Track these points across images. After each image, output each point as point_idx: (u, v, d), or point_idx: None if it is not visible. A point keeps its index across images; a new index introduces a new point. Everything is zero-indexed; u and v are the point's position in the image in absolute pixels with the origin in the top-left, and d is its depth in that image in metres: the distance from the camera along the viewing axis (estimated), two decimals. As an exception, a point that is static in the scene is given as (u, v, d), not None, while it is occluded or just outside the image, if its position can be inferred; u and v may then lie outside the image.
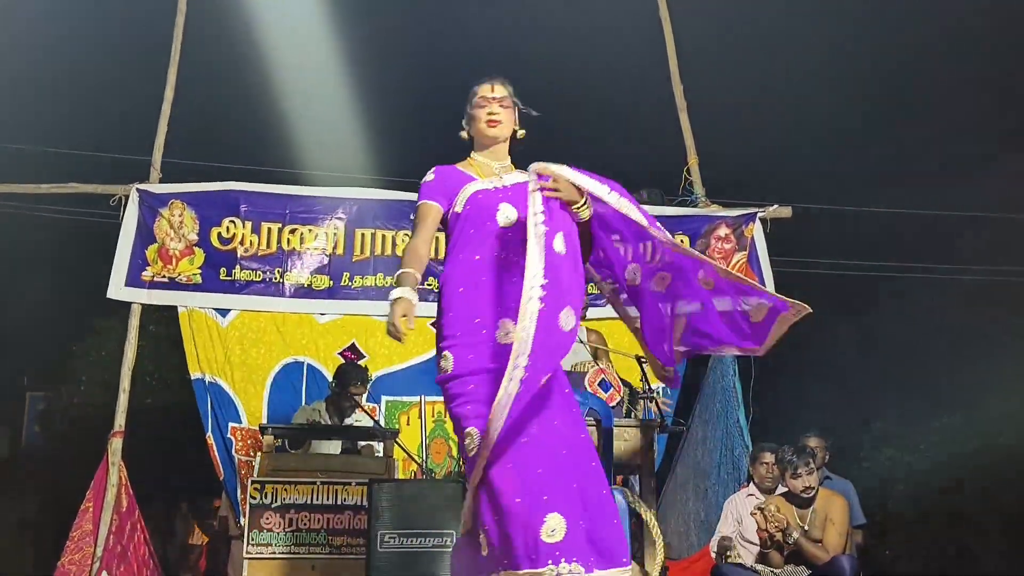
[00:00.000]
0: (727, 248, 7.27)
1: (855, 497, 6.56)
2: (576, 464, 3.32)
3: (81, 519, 6.38)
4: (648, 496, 5.18)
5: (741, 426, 6.90)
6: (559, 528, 3.17)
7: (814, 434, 6.54)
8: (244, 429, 6.86)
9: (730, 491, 6.48)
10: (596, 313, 7.08)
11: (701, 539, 6.71)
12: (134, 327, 6.88)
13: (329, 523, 5.34)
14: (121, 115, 10.48)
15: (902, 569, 10.56)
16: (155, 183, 7.03)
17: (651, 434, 5.35)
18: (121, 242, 6.88)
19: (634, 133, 12.13)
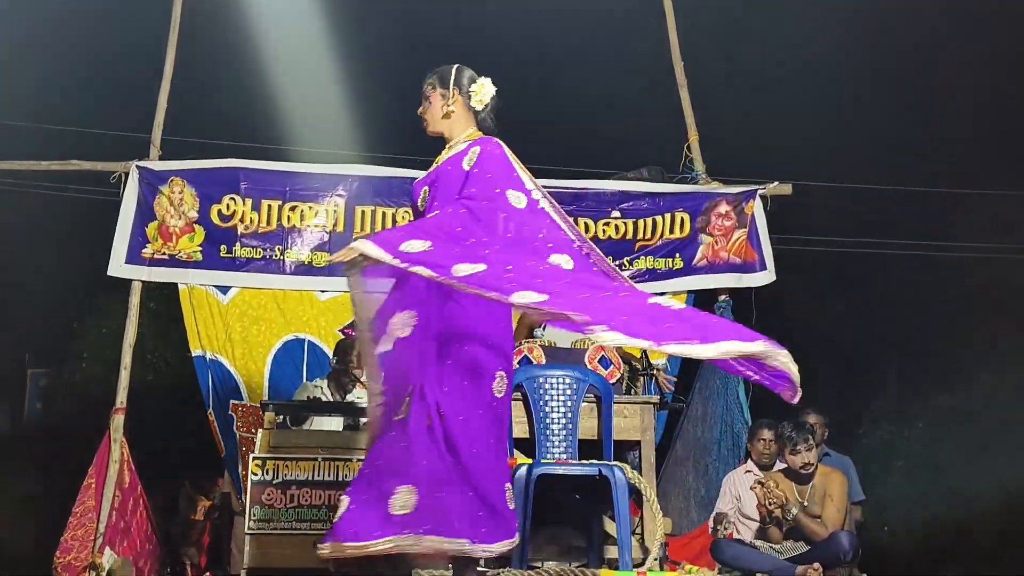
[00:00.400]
0: (727, 225, 7.27)
1: (854, 473, 6.60)
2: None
3: (84, 495, 6.41)
4: (648, 472, 5.22)
5: (741, 402, 6.93)
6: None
7: (813, 410, 6.56)
8: (245, 406, 6.88)
9: (731, 467, 6.51)
10: (595, 291, 7.10)
11: (701, 515, 6.74)
12: (135, 305, 6.88)
13: (331, 499, 5.35)
14: (121, 92, 10.45)
15: (900, 545, 10.62)
16: (155, 160, 7.02)
17: (651, 411, 5.38)
18: (121, 220, 6.87)
19: (634, 110, 12.10)
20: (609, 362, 5.47)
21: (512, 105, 3.93)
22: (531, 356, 5.43)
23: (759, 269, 7.26)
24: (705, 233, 7.28)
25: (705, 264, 7.26)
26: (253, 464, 5.59)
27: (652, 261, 7.26)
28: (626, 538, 4.80)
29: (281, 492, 5.39)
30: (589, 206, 7.31)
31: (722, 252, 7.25)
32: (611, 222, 7.28)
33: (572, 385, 5.18)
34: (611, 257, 7.18)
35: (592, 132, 12.53)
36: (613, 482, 4.81)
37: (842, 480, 5.36)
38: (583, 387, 5.21)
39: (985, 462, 10.46)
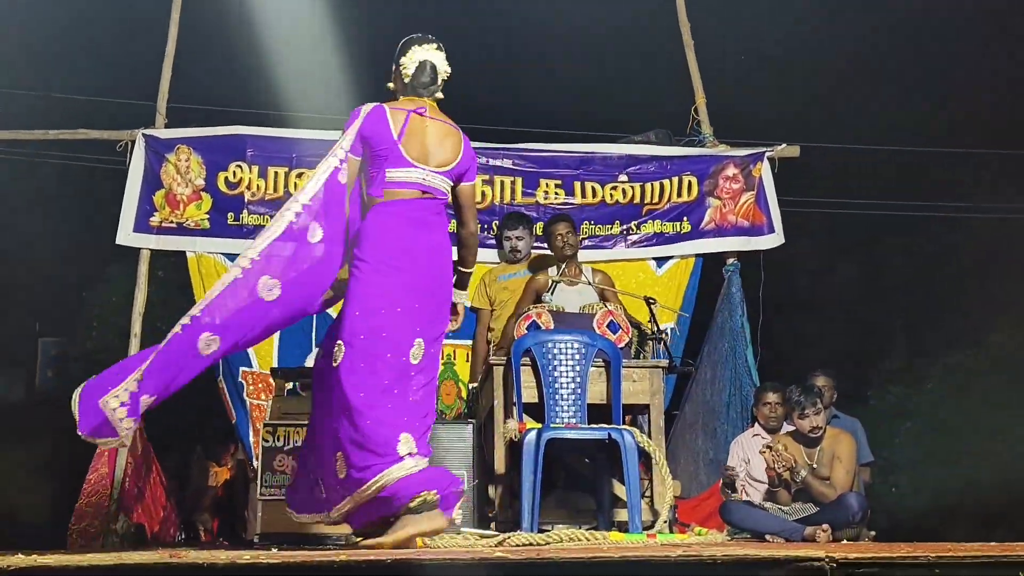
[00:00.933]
0: (735, 188, 7.25)
1: (863, 435, 6.62)
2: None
3: (97, 462, 6.46)
4: (657, 436, 5.24)
5: (749, 366, 6.94)
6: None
7: (822, 373, 6.57)
8: (255, 373, 6.92)
9: (739, 431, 6.54)
10: (602, 255, 7.10)
11: (710, 478, 6.78)
12: (143, 273, 6.91)
13: (341, 465, 5.39)
14: (126, 61, 10.42)
15: (909, 506, 10.65)
16: (160, 128, 7.02)
17: (660, 375, 5.40)
18: (128, 188, 6.89)
19: (641, 73, 12.03)
20: (618, 326, 5.48)
21: (517, 70, 3.94)
22: (539, 321, 5.44)
23: (767, 232, 7.25)
24: (713, 196, 7.26)
25: (713, 228, 7.25)
26: (264, 431, 5.65)
27: (660, 225, 7.25)
28: (636, 501, 4.83)
29: (292, 459, 5.43)
30: (596, 170, 7.29)
31: (730, 215, 7.24)
32: (618, 186, 7.27)
33: (581, 350, 5.20)
34: (618, 221, 7.20)
35: (599, 96, 12.47)
36: (622, 446, 4.84)
37: (850, 442, 5.38)
38: (592, 352, 5.22)
39: (994, 422, 10.47)
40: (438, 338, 4.00)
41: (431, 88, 4.08)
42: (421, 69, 4.06)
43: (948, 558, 2.71)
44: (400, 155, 3.93)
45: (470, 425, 5.31)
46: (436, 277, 3.95)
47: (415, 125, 3.97)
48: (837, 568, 2.67)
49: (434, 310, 3.95)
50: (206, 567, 2.55)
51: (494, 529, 4.87)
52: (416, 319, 3.86)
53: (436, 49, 4.10)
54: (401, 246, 3.88)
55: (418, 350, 3.85)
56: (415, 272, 3.88)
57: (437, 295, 3.97)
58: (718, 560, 2.67)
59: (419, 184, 3.95)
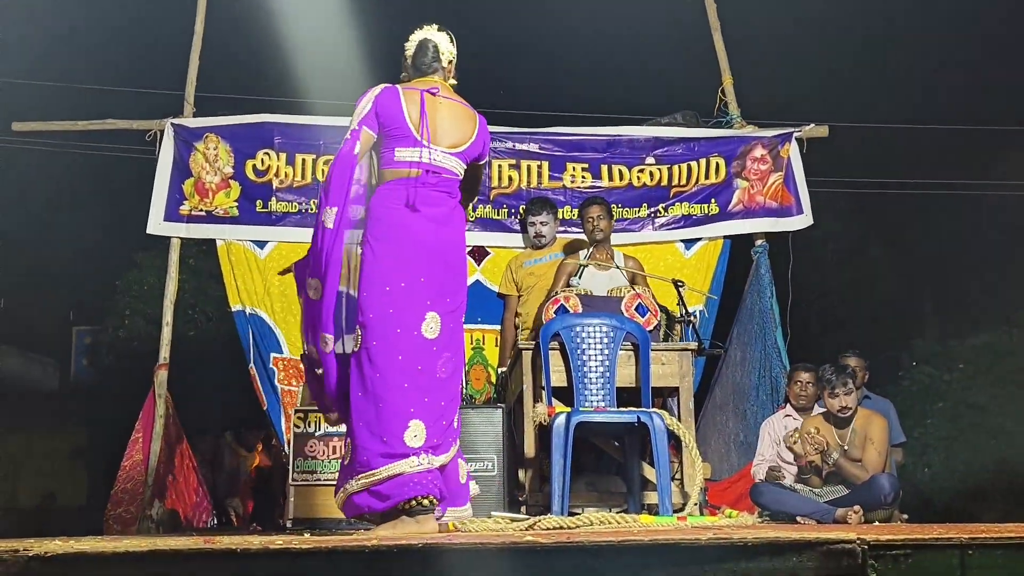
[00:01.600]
0: (763, 169, 7.21)
1: (895, 416, 6.59)
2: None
3: (131, 449, 6.54)
4: (687, 419, 5.24)
5: (779, 347, 6.91)
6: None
7: (853, 353, 6.53)
8: (286, 359, 6.96)
9: (769, 412, 6.52)
10: (630, 238, 7.08)
11: (740, 460, 6.77)
12: (174, 261, 6.97)
13: (372, 450, 5.42)
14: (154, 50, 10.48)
15: (941, 487, 10.59)
16: (189, 117, 7.06)
17: (689, 357, 5.39)
18: (158, 177, 6.94)
19: (667, 55, 11.96)
20: (646, 309, 5.47)
21: (543, 54, 3.93)
22: (567, 305, 5.44)
23: (796, 213, 7.20)
24: (741, 178, 7.23)
25: (741, 209, 7.22)
26: (295, 417, 5.69)
27: (688, 207, 7.22)
28: (666, 484, 4.84)
29: (323, 444, 5.48)
30: (623, 153, 7.27)
31: (758, 196, 7.20)
32: (645, 169, 7.24)
33: (609, 333, 5.20)
34: (646, 204, 7.18)
35: (625, 78, 12.41)
36: (652, 429, 4.84)
37: (882, 423, 5.35)
38: (620, 335, 5.22)
39: (1026, 401, 10.38)
40: (454, 311, 3.95)
41: (434, 65, 4.08)
42: (422, 48, 4.09)
43: (981, 539, 2.70)
44: (410, 134, 3.92)
45: (500, 409, 5.33)
46: (441, 252, 3.91)
47: (428, 105, 3.95)
48: (869, 550, 2.67)
49: (443, 283, 3.90)
50: (239, 552, 2.58)
51: (524, 513, 4.89)
52: (423, 293, 3.84)
53: (437, 30, 4.14)
54: (402, 224, 3.87)
55: (433, 323, 3.83)
56: (417, 248, 3.85)
57: (446, 269, 3.93)
58: (749, 543, 2.67)
59: (426, 164, 3.92)
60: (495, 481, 5.04)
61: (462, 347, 4.07)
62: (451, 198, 4.01)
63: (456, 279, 3.99)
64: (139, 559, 2.57)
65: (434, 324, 3.83)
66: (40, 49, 10.50)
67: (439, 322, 3.84)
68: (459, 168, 4.04)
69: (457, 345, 3.97)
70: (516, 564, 2.68)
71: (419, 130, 3.89)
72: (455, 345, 3.94)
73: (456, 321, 3.98)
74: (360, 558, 2.61)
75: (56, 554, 2.52)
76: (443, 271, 3.90)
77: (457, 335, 3.99)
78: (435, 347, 3.82)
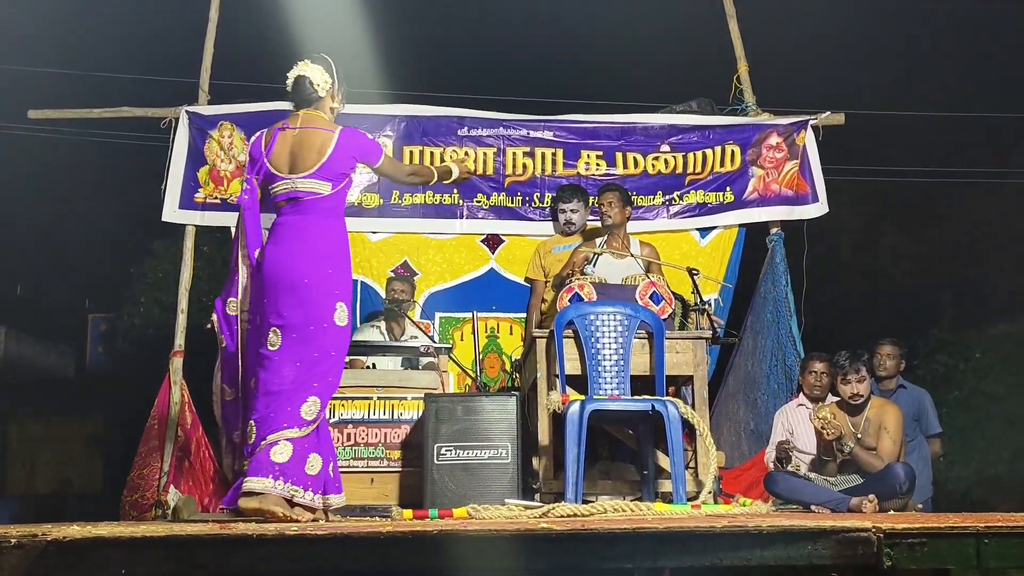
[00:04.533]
0: (778, 157, 7.18)
1: (931, 406, 6.51)
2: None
3: (147, 436, 6.56)
4: (701, 407, 5.23)
5: (794, 336, 6.87)
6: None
7: (889, 341, 6.47)
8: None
9: (781, 401, 6.49)
10: (644, 226, 7.07)
11: (752, 448, 6.76)
12: (189, 249, 6.98)
13: (386, 437, 5.45)
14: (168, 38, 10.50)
15: (956, 475, 10.58)
16: (203, 105, 7.07)
17: (703, 346, 5.38)
18: (172, 165, 6.94)
19: (683, 42, 11.92)
20: (660, 298, 5.46)
21: (557, 42, 3.92)
22: (582, 293, 5.44)
23: (811, 201, 7.17)
24: (756, 165, 7.19)
25: (756, 197, 7.19)
26: (308, 404, 5.69)
27: (703, 195, 7.19)
28: (680, 472, 4.84)
29: (338, 431, 5.49)
30: (638, 141, 7.25)
31: (773, 184, 7.17)
32: (660, 156, 7.22)
33: (623, 322, 5.19)
34: (661, 192, 7.16)
35: (640, 66, 12.37)
36: (666, 417, 4.84)
37: (897, 413, 5.33)
38: (634, 323, 5.21)
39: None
40: (287, 324, 4.20)
41: (312, 97, 4.47)
42: (298, 84, 4.51)
43: (996, 528, 2.70)
44: (270, 171, 4.34)
45: (514, 397, 5.33)
46: (280, 272, 4.22)
47: (281, 139, 4.37)
48: (884, 538, 2.66)
49: (280, 302, 4.21)
50: (255, 538, 2.59)
51: (539, 500, 4.90)
52: (267, 313, 4.24)
53: (311, 63, 4.52)
54: (265, 251, 4.32)
55: (275, 338, 4.20)
56: (267, 273, 4.25)
57: (280, 289, 4.22)
58: (764, 531, 2.67)
59: (287, 193, 4.31)
60: (509, 469, 5.04)
61: (304, 353, 4.21)
62: (308, 217, 4.30)
63: (288, 295, 4.23)
64: (156, 545, 2.58)
65: (276, 338, 4.20)
66: (56, 38, 10.53)
67: (280, 336, 4.20)
68: (321, 187, 4.31)
69: (296, 352, 4.20)
70: (530, 551, 2.69)
71: (277, 165, 4.32)
72: (293, 352, 4.19)
73: (300, 332, 4.21)
74: (375, 544, 2.63)
75: (74, 539, 2.54)
76: (292, 293, 4.21)
77: (298, 345, 4.20)
78: (275, 357, 4.19)
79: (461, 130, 7.15)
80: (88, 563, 2.54)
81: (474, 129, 7.16)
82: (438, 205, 7.06)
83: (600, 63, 12.08)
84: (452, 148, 7.08)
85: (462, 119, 7.19)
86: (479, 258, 7.13)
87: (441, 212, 7.05)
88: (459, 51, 9.25)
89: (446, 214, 7.06)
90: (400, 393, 5.59)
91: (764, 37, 8.98)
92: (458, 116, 7.21)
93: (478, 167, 7.08)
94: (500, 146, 7.15)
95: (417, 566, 2.63)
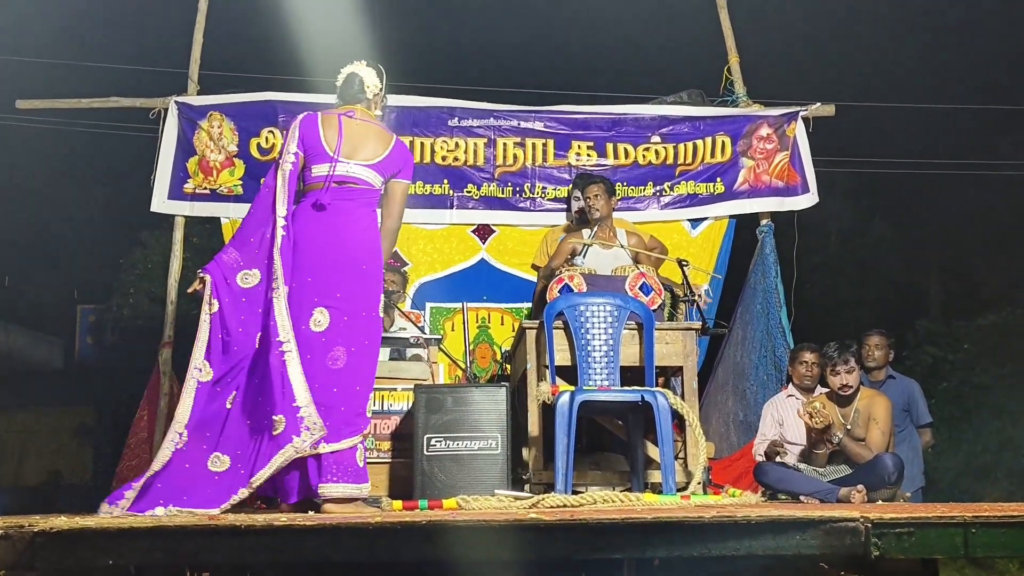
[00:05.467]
0: (769, 148, 7.19)
1: (921, 396, 6.52)
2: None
3: (136, 427, 6.56)
4: (690, 398, 5.23)
5: (784, 327, 6.88)
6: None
7: (877, 332, 6.48)
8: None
9: (770, 392, 6.51)
10: (639, 217, 7.07)
11: (741, 439, 6.77)
12: (178, 240, 6.97)
13: (376, 428, 5.44)
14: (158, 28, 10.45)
15: (945, 465, 10.62)
16: (193, 95, 7.05)
17: (693, 337, 5.38)
18: (162, 155, 6.93)
19: (674, 33, 11.91)
20: (650, 288, 5.46)
21: (550, 31, 3.92)
22: (572, 284, 5.44)
23: (801, 192, 7.18)
24: (746, 157, 7.20)
25: (747, 188, 7.20)
26: (300, 395, 5.67)
27: (693, 186, 7.20)
28: (669, 463, 4.84)
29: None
30: (629, 132, 7.25)
31: (764, 175, 7.18)
32: (651, 147, 7.22)
33: (613, 312, 5.19)
34: (651, 182, 7.16)
35: (631, 57, 12.37)
36: (656, 408, 4.84)
37: (886, 403, 5.34)
38: (624, 314, 5.21)
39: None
40: (341, 306, 4.16)
41: (359, 96, 4.52)
42: (348, 81, 4.56)
43: (984, 518, 2.71)
44: (324, 151, 4.31)
45: (504, 388, 5.33)
46: (329, 252, 4.19)
47: (343, 125, 4.36)
48: (872, 528, 2.67)
49: (332, 281, 4.16)
50: (243, 529, 2.59)
51: (528, 491, 4.90)
52: (311, 291, 4.15)
53: (366, 65, 4.58)
54: (302, 228, 4.23)
55: (321, 317, 4.13)
56: (310, 251, 4.19)
57: (336, 268, 4.18)
58: (752, 521, 2.68)
59: (336, 176, 4.29)
60: (499, 459, 5.04)
61: (355, 338, 4.17)
62: (357, 206, 4.31)
63: (349, 279, 4.20)
64: (143, 536, 2.58)
65: (323, 318, 4.14)
66: (45, 27, 10.48)
67: (327, 316, 4.15)
68: (373, 179, 4.36)
69: (346, 337, 4.15)
70: (520, 542, 2.69)
71: (333, 148, 4.30)
72: (343, 337, 4.14)
73: (349, 315, 4.17)
74: (363, 535, 2.62)
75: (61, 530, 2.54)
76: (335, 271, 4.18)
77: (348, 329, 4.16)
78: (323, 339, 4.11)
79: (451, 120, 7.15)
80: (75, 554, 2.54)
81: (464, 120, 7.15)
82: (428, 195, 7.06)
83: (591, 54, 12.08)
84: (443, 138, 7.07)
85: (452, 110, 7.18)
86: (470, 248, 7.13)
87: (432, 202, 7.04)
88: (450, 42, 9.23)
89: (437, 204, 7.06)
90: (390, 384, 5.58)
91: (755, 29, 8.98)
92: (448, 107, 7.20)
93: (468, 158, 7.09)
94: (491, 137, 7.15)
95: (406, 557, 2.63)
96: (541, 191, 7.08)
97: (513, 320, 6.90)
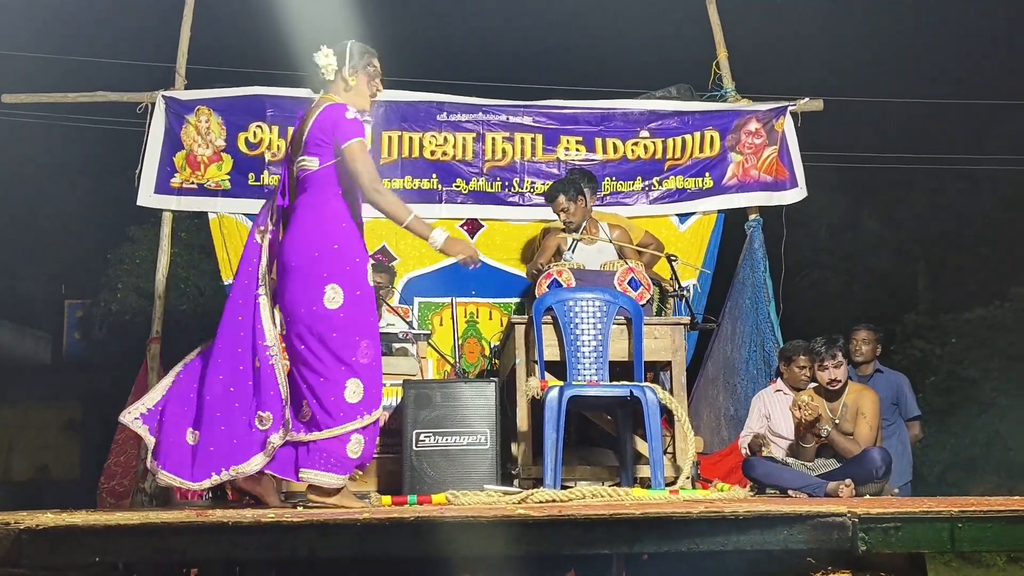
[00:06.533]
0: (757, 143, 7.19)
1: (909, 389, 6.53)
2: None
3: (125, 423, 6.53)
4: (679, 393, 5.24)
5: (772, 322, 6.89)
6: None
7: (865, 326, 6.49)
8: (280, 334, 6.94)
9: (760, 386, 6.51)
10: (627, 212, 7.07)
11: (731, 434, 6.78)
12: (166, 235, 6.94)
13: (365, 423, 5.42)
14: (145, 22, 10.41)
15: (932, 459, 10.66)
16: (180, 90, 7.02)
17: (681, 331, 5.39)
18: (149, 150, 6.89)
19: (663, 28, 11.91)
20: (639, 284, 5.47)
21: (539, 26, 3.91)
22: (560, 279, 5.44)
23: (790, 187, 7.19)
24: (735, 151, 7.21)
25: (735, 183, 7.20)
26: (287, 390, 5.66)
27: (682, 181, 7.20)
28: (658, 457, 4.85)
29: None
30: (617, 126, 7.24)
31: (752, 170, 7.19)
32: (640, 142, 7.22)
33: (602, 307, 5.20)
34: (640, 177, 7.16)
35: (620, 52, 12.36)
36: (644, 403, 4.85)
37: (874, 398, 5.36)
38: (613, 309, 5.22)
39: (1018, 375, 10.43)
40: (284, 307, 4.24)
41: (327, 85, 4.50)
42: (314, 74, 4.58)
43: (970, 513, 2.71)
44: (289, 156, 4.40)
45: (493, 383, 5.33)
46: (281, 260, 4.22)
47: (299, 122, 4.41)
48: (860, 523, 2.68)
49: (280, 286, 4.24)
50: (231, 525, 2.58)
51: (517, 486, 4.90)
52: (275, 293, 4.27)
53: (319, 53, 4.54)
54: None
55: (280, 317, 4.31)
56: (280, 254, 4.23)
57: (279, 272, 4.23)
58: (740, 516, 2.68)
59: (297, 175, 4.27)
60: (488, 454, 5.03)
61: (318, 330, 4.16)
62: (308, 196, 4.22)
63: (282, 279, 4.22)
64: (131, 532, 2.57)
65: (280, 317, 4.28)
66: (31, 21, 10.42)
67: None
68: (310, 162, 4.23)
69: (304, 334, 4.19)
70: (508, 537, 2.68)
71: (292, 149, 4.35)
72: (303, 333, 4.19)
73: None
74: (353, 531, 2.62)
75: (48, 527, 2.52)
76: (290, 271, 4.18)
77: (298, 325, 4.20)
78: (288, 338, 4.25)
79: (440, 115, 7.14)
80: (62, 551, 2.53)
81: (453, 114, 7.14)
82: (417, 190, 7.04)
83: (580, 49, 12.07)
84: (431, 133, 7.06)
85: (441, 104, 7.17)
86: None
87: (420, 197, 7.02)
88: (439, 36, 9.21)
89: (425, 199, 7.03)
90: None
91: (744, 24, 8.99)
92: (437, 101, 7.18)
93: (457, 152, 7.08)
94: (479, 131, 7.14)
95: (396, 553, 2.63)
96: (530, 186, 7.07)
97: (502, 315, 6.90)
